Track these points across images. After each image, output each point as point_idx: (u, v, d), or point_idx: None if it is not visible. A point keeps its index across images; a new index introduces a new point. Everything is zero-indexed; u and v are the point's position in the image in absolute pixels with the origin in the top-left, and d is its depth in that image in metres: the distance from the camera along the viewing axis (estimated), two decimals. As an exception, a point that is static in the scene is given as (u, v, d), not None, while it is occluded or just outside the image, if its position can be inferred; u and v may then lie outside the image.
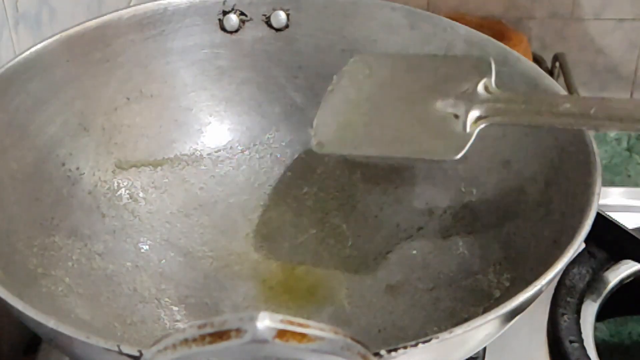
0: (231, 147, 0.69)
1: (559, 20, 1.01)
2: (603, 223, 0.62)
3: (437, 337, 0.42)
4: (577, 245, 0.48)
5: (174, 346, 0.33)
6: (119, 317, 0.57)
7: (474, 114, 0.54)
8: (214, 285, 0.61)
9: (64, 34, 0.63)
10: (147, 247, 0.59)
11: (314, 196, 0.66)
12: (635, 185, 0.82)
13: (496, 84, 0.62)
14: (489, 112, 0.54)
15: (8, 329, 0.57)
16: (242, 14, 0.68)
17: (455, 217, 0.63)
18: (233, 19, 0.68)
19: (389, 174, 0.67)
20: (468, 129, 0.54)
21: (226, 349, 0.32)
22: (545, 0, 1.02)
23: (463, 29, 0.65)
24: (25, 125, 0.60)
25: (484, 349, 0.58)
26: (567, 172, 0.55)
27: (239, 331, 0.32)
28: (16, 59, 0.59)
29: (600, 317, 0.61)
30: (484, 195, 0.62)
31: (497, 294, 0.54)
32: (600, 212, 0.61)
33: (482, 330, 0.44)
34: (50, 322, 0.43)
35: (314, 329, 0.33)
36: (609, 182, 0.82)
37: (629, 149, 0.88)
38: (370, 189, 0.66)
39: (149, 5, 0.66)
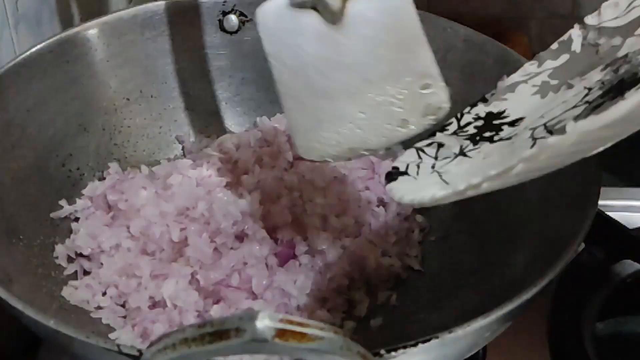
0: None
1: (559, 20, 1.01)
2: (603, 223, 0.62)
3: (437, 337, 0.42)
4: (577, 245, 0.48)
5: (174, 346, 0.33)
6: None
7: None
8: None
9: (64, 34, 0.63)
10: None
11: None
12: (636, 185, 0.82)
13: (496, 85, 0.62)
14: None
15: (8, 329, 0.57)
16: (242, 14, 0.68)
17: (455, 218, 0.63)
18: (233, 20, 0.68)
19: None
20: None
21: (226, 348, 0.32)
22: (545, 0, 1.02)
23: (463, 29, 0.65)
24: (26, 125, 0.60)
25: (484, 349, 0.58)
26: (567, 172, 0.54)
27: (238, 331, 0.32)
28: (16, 59, 0.60)
29: (600, 317, 0.61)
30: (484, 195, 0.62)
31: (497, 293, 0.54)
32: (600, 212, 0.61)
33: (482, 330, 0.44)
34: (50, 322, 0.43)
35: (314, 328, 0.33)
36: (609, 182, 0.82)
37: (629, 149, 0.88)
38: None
39: (149, 6, 0.66)
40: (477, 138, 0.49)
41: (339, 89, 0.53)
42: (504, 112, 0.51)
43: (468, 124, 0.51)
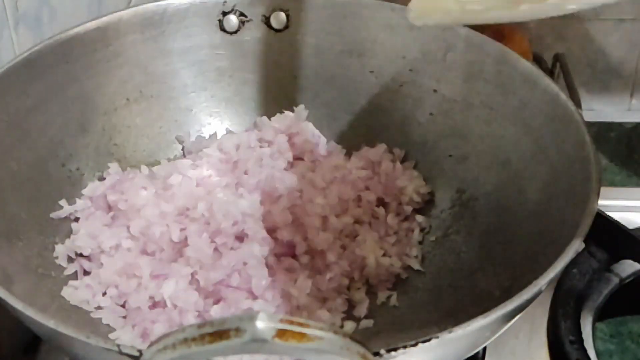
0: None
1: (559, 20, 1.01)
2: (603, 223, 0.62)
3: (437, 337, 0.42)
4: (577, 245, 0.48)
5: (174, 345, 0.33)
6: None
7: None
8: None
9: (64, 34, 0.63)
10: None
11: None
12: (636, 185, 0.82)
13: (496, 84, 0.63)
14: None
15: (8, 329, 0.57)
16: (241, 14, 0.68)
17: (455, 217, 0.63)
18: (233, 20, 0.68)
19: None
20: None
21: (226, 348, 0.32)
22: (545, 0, 1.02)
23: (463, 29, 0.65)
24: (26, 125, 0.60)
25: (484, 349, 0.58)
26: (567, 172, 0.55)
27: (238, 331, 0.32)
28: (16, 59, 0.59)
29: (600, 317, 0.61)
30: (484, 195, 0.62)
31: (497, 293, 0.54)
32: (600, 212, 0.61)
33: (482, 330, 0.44)
34: (50, 322, 0.43)
35: (314, 328, 0.33)
36: (609, 182, 0.82)
37: (629, 149, 0.88)
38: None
39: (149, 6, 0.66)
40: None
41: None
42: None
43: None
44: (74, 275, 0.59)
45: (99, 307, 0.57)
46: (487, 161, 0.62)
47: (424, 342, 0.42)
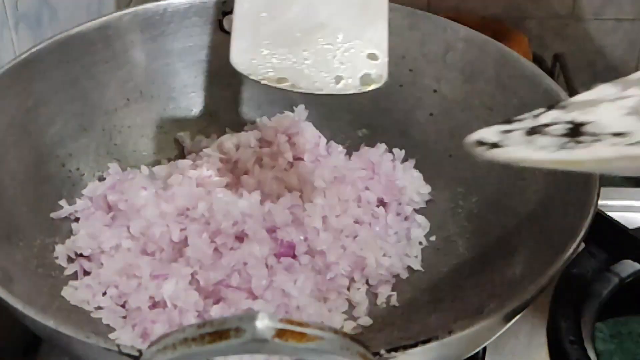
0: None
1: (559, 20, 1.01)
2: (603, 223, 0.62)
3: (437, 338, 0.42)
4: (577, 245, 0.48)
5: (174, 346, 0.33)
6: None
7: None
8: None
9: (64, 34, 0.63)
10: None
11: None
12: (635, 185, 0.82)
13: (496, 84, 0.63)
14: None
15: (8, 329, 0.57)
16: (242, 14, 0.68)
17: (456, 217, 0.63)
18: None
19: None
20: None
21: (226, 348, 0.33)
22: (545, 0, 1.02)
23: (463, 29, 0.65)
24: (26, 125, 0.60)
25: (484, 349, 0.58)
26: (567, 172, 0.54)
27: (238, 330, 0.32)
28: (16, 59, 0.59)
29: (600, 317, 0.61)
30: (484, 195, 0.62)
31: (497, 293, 0.54)
32: (600, 212, 0.61)
33: (482, 330, 0.44)
34: (50, 322, 0.43)
35: (314, 328, 0.33)
36: (609, 182, 0.82)
37: (629, 149, 0.88)
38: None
39: (149, 6, 0.66)
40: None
41: (293, 20, 0.57)
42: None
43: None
44: (74, 275, 0.59)
45: (99, 307, 0.57)
46: (487, 161, 0.62)
47: (424, 342, 0.42)
